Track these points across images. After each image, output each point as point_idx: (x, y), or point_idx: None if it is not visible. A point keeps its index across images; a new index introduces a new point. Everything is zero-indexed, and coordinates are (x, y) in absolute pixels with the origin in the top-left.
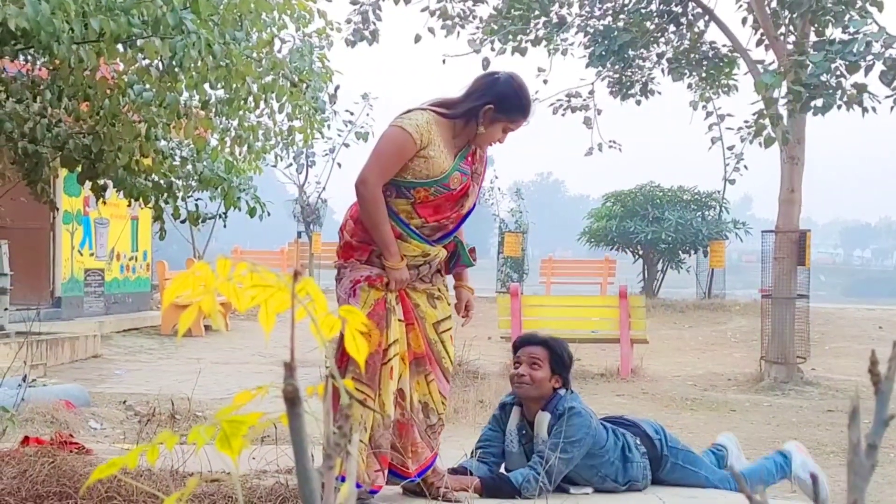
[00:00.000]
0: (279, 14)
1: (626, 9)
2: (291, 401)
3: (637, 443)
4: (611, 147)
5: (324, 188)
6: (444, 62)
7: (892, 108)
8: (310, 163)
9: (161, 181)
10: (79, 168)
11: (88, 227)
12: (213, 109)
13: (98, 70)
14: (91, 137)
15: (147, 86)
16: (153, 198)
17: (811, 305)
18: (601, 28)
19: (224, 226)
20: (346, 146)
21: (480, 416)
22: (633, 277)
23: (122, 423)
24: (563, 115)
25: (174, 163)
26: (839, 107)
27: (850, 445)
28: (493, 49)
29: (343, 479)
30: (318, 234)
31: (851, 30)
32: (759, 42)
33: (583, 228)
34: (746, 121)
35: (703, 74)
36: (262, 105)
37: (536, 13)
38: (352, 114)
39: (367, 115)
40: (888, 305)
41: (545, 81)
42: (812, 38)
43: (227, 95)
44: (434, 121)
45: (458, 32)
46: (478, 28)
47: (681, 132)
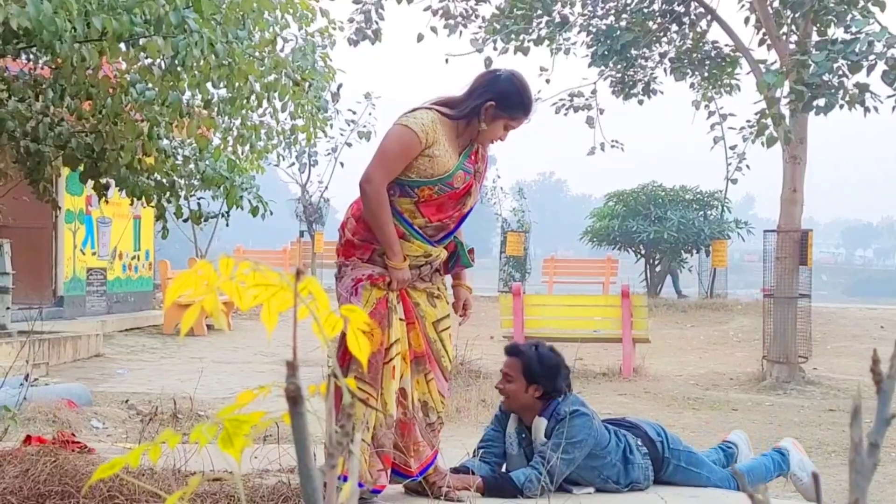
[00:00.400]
0: (282, 13)
1: (629, 8)
2: (294, 400)
3: (639, 444)
4: (613, 147)
5: (326, 187)
6: (447, 61)
7: (894, 108)
8: (312, 162)
9: (163, 180)
10: (81, 167)
11: (91, 227)
12: (216, 108)
13: (100, 69)
14: (93, 136)
15: (149, 85)
16: (155, 197)
17: (813, 305)
18: (603, 27)
19: (226, 225)
20: (349, 145)
21: (482, 416)
22: (636, 277)
23: (125, 423)
24: (566, 115)
25: (176, 162)
26: (841, 106)
27: (852, 444)
28: (496, 48)
29: (346, 479)
30: (321, 234)
31: (853, 29)
32: (762, 42)
33: (585, 228)
34: (749, 120)
35: (706, 74)
36: (265, 104)
37: (539, 12)
38: (354, 113)
39: (370, 115)
40: (890, 305)
41: (547, 81)
42: (814, 38)
43: (230, 94)
44: (438, 120)
45: (461, 32)
46: (480, 27)
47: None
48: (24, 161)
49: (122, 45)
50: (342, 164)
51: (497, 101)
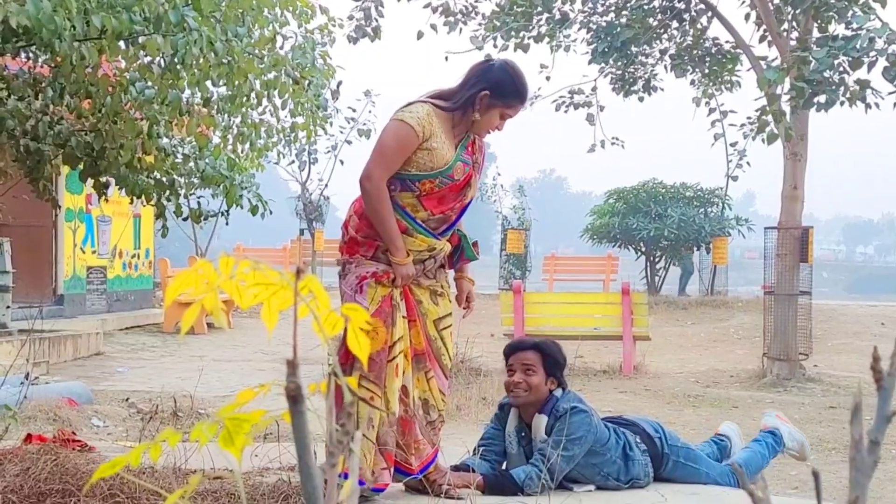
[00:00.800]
0: (281, 10)
1: (629, 5)
2: (294, 398)
3: (638, 441)
4: (613, 144)
5: (326, 185)
6: (447, 59)
7: (895, 105)
8: (312, 160)
9: (163, 179)
10: (81, 165)
11: (91, 225)
12: (216, 106)
13: (100, 67)
14: (93, 135)
15: (149, 83)
16: (155, 195)
17: (813, 302)
18: (604, 24)
19: (226, 223)
20: (349, 143)
21: (483, 414)
22: (636, 274)
23: (125, 421)
24: (566, 112)
25: (176, 160)
26: (842, 103)
27: (852, 441)
28: (496, 46)
29: (347, 476)
30: (321, 232)
31: (854, 26)
32: (762, 38)
33: (585, 225)
34: (749, 117)
35: (706, 71)
36: (265, 102)
37: (539, 9)
38: (354, 110)
39: (370, 112)
40: (890, 302)
41: (548, 78)
42: (815, 34)
43: (229, 92)
44: (434, 112)
45: (461, 29)
46: (480, 24)
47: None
48: (24, 160)
49: (122, 44)
50: (342, 162)
51: (491, 90)
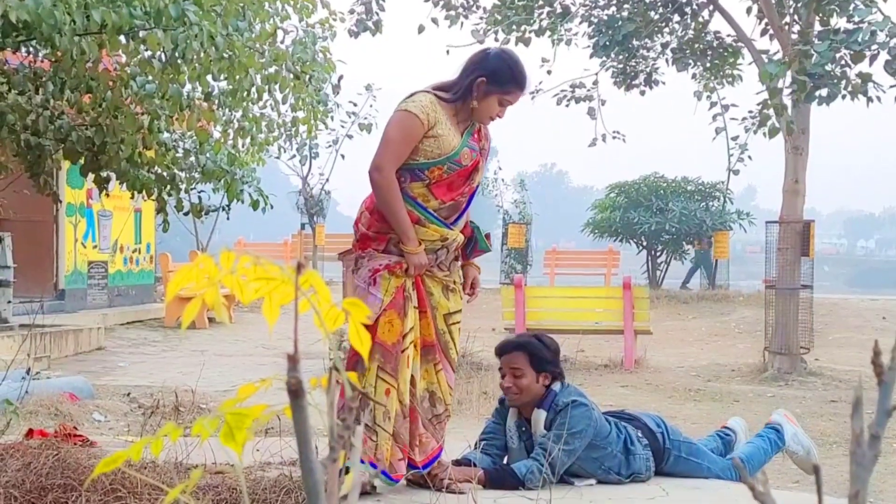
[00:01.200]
0: (282, 4)
1: None
2: (295, 393)
3: (639, 435)
4: (615, 138)
5: (327, 180)
6: (448, 53)
7: None
8: (313, 154)
9: (164, 173)
10: (81, 160)
11: (91, 220)
12: (216, 101)
13: (100, 62)
14: (94, 129)
15: (149, 77)
16: (156, 190)
17: (815, 296)
18: (605, 18)
19: (227, 218)
20: (350, 137)
21: (484, 408)
22: (637, 268)
23: (126, 416)
24: (567, 106)
25: (177, 155)
26: (843, 97)
27: (853, 435)
28: (497, 39)
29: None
30: (322, 226)
31: (856, 19)
32: (764, 32)
33: (587, 219)
34: (750, 111)
35: (708, 64)
36: (265, 96)
37: (540, 3)
38: (355, 105)
39: (371, 107)
40: (891, 296)
41: (549, 72)
42: (817, 28)
43: (230, 87)
44: (437, 101)
45: (462, 23)
46: (481, 18)
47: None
48: (25, 154)
49: (122, 38)
50: (343, 157)
51: (487, 77)
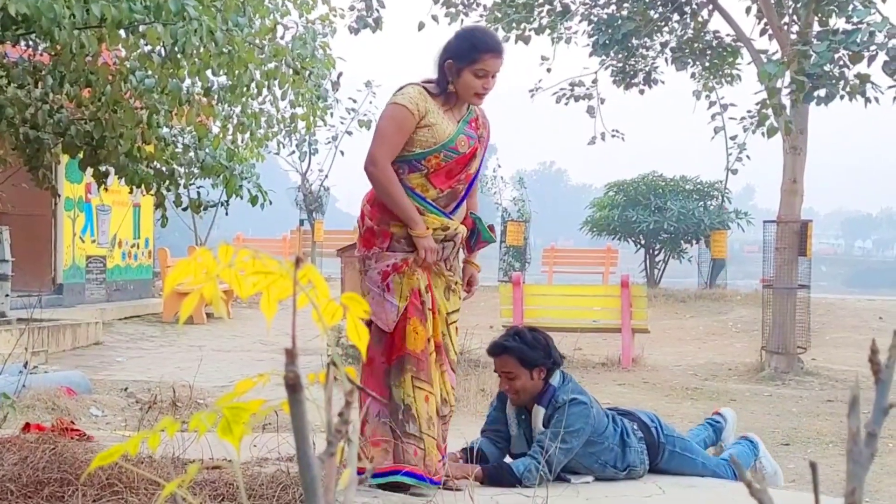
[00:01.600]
0: (282, 0)
1: None
2: (293, 387)
3: (634, 428)
4: (614, 136)
5: (326, 176)
6: None
7: (895, 99)
8: (312, 150)
9: (163, 168)
10: (80, 154)
11: (90, 214)
12: (216, 96)
13: (100, 56)
14: (93, 124)
15: (149, 72)
16: (155, 185)
17: (812, 296)
18: (605, 17)
19: (226, 213)
20: (349, 134)
21: (481, 405)
22: (635, 267)
23: (124, 411)
24: (567, 104)
25: (176, 150)
26: (842, 97)
27: (850, 434)
28: None
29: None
30: (321, 222)
31: (855, 20)
32: (763, 31)
33: (585, 218)
34: (749, 111)
35: (707, 64)
36: (265, 92)
37: (540, 1)
38: (355, 101)
39: (370, 103)
40: (889, 296)
41: (549, 70)
42: (816, 28)
43: (230, 82)
44: (425, 92)
45: (462, 20)
46: (481, 16)
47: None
48: (24, 148)
49: (122, 32)
50: (342, 153)
51: (453, 58)
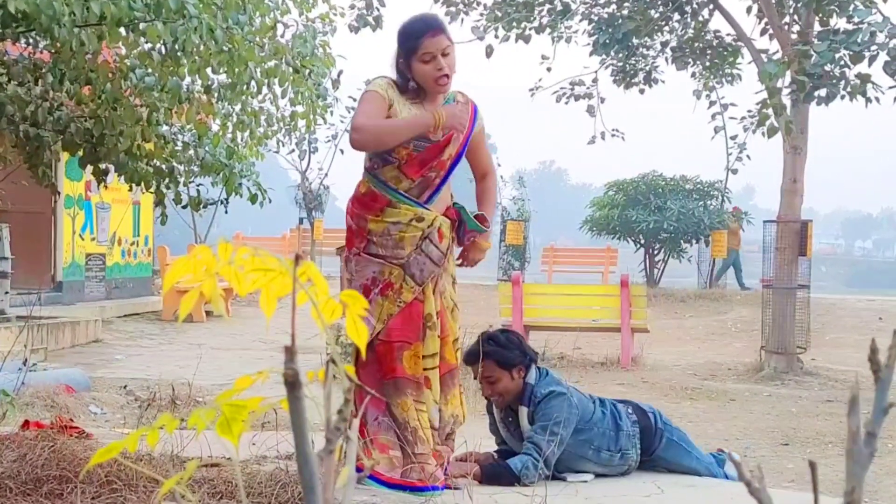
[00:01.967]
0: None
1: None
2: (292, 385)
3: (629, 412)
4: (614, 136)
5: (326, 174)
6: None
7: (895, 99)
8: (312, 149)
9: (162, 166)
10: (80, 152)
11: (90, 212)
12: (215, 94)
13: (100, 54)
14: (93, 121)
15: (149, 70)
16: (154, 183)
17: (812, 296)
18: (605, 16)
19: (226, 211)
20: (349, 132)
21: (478, 405)
22: (635, 266)
23: (123, 408)
24: (567, 104)
25: (176, 148)
26: (843, 97)
27: (850, 434)
28: (497, 36)
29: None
30: (320, 221)
31: (856, 20)
32: (764, 31)
33: (585, 217)
34: (749, 110)
35: (707, 63)
36: (265, 90)
37: (540, 0)
38: (355, 100)
39: None
40: (889, 296)
41: (549, 69)
42: (816, 28)
43: (230, 80)
44: (393, 84)
45: (462, 19)
46: (482, 15)
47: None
48: (24, 146)
49: (122, 30)
50: (342, 152)
51: (401, 53)
